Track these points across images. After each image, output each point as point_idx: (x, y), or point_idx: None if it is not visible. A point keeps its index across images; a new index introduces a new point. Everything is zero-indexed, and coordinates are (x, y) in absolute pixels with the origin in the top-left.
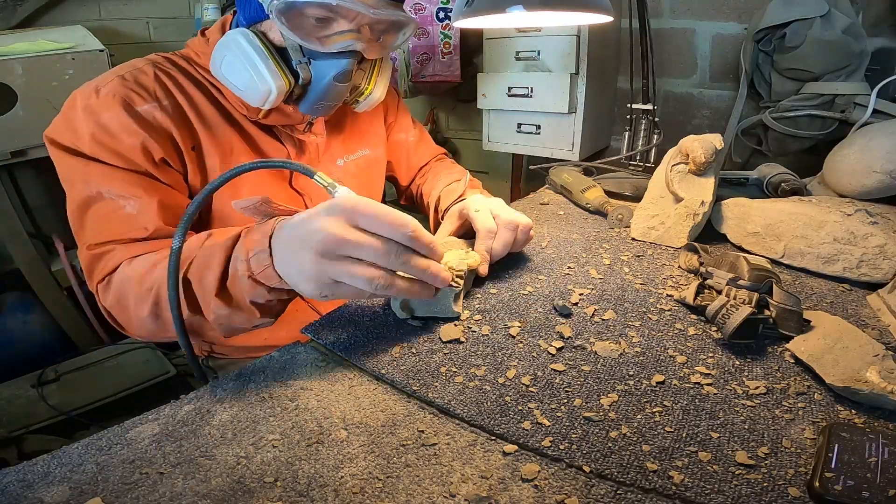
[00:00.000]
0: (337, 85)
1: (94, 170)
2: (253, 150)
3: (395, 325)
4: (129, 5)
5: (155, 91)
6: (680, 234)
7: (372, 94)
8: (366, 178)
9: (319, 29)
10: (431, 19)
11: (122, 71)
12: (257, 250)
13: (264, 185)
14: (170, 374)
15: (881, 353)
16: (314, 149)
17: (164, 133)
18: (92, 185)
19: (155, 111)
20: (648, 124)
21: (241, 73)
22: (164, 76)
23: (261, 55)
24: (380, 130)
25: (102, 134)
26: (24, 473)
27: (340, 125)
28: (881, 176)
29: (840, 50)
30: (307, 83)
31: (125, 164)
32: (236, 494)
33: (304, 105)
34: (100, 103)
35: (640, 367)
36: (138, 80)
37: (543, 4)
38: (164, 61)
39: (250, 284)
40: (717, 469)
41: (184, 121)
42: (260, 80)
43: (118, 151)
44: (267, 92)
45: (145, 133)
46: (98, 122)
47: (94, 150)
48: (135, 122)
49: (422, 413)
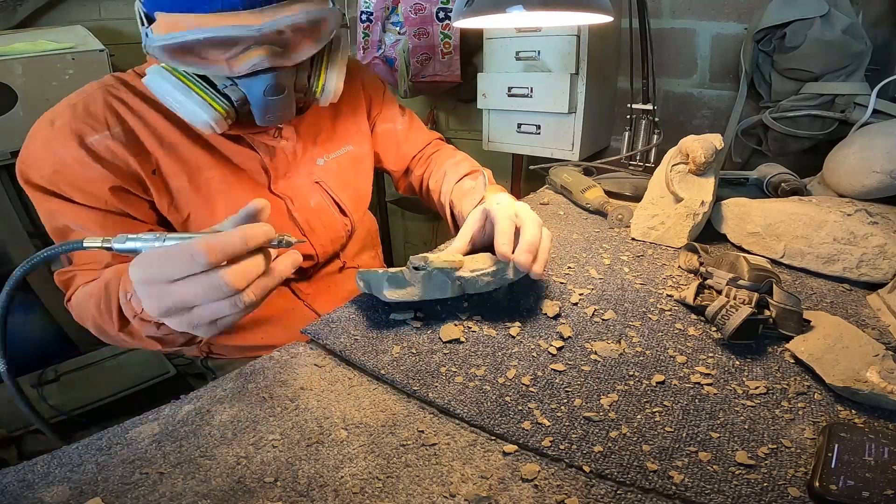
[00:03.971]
0: (272, 99)
1: (56, 206)
2: (221, 162)
3: (395, 325)
4: (129, 5)
5: (105, 119)
6: (680, 234)
7: (327, 87)
8: (349, 176)
9: (219, 52)
10: (431, 19)
11: (74, 99)
12: (131, 292)
13: (241, 197)
14: (170, 374)
15: (881, 353)
16: (289, 152)
17: (119, 161)
18: (58, 219)
19: (107, 140)
20: (648, 124)
21: (176, 106)
22: (114, 101)
23: (182, 90)
24: (362, 126)
25: (62, 168)
26: (24, 473)
27: (318, 125)
28: (881, 176)
29: (840, 50)
30: (245, 101)
31: (85, 200)
32: (236, 494)
33: (256, 119)
34: (55, 137)
35: (640, 367)
36: (88, 109)
37: (543, 4)
38: (116, 83)
39: (139, 322)
40: (717, 469)
41: (138, 146)
42: (192, 113)
43: (76, 184)
44: (205, 122)
45: (98, 165)
46: (55, 157)
47: (55, 185)
48: (87, 154)
49: (422, 413)
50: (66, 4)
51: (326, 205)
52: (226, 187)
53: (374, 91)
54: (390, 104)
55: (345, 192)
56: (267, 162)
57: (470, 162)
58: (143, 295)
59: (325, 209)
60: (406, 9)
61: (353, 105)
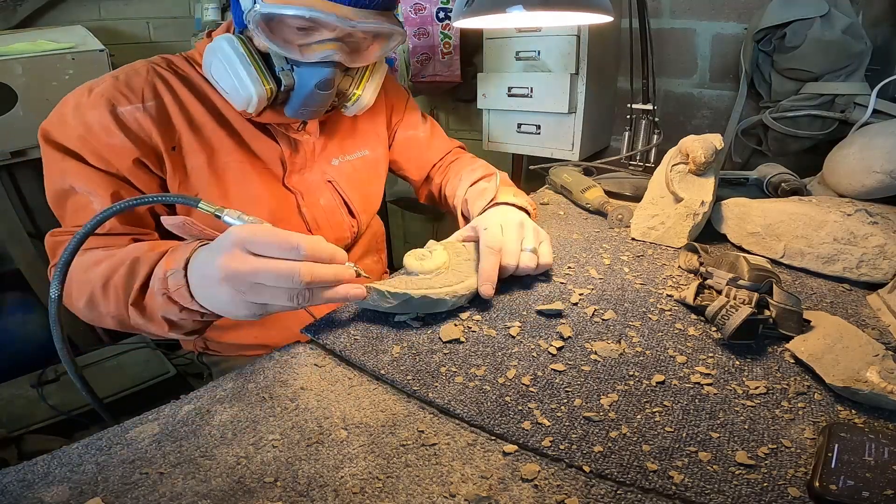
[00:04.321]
0: (319, 93)
1: (70, 166)
2: (242, 148)
3: (395, 325)
4: (129, 5)
5: (143, 92)
6: (680, 234)
7: (360, 99)
8: (362, 179)
9: (300, 37)
10: (431, 19)
11: (118, 72)
12: (174, 270)
13: (255, 185)
14: (170, 374)
15: (881, 353)
16: (309, 148)
17: (143, 133)
18: (67, 180)
19: (136, 112)
20: (648, 124)
21: (225, 77)
22: (156, 78)
23: (243, 61)
24: (381, 132)
25: (86, 132)
26: (24, 473)
27: (338, 125)
28: (881, 176)
29: (840, 50)
30: (290, 89)
31: (101, 164)
32: (236, 494)
33: (288, 109)
34: (89, 102)
35: (640, 367)
36: (129, 81)
37: (543, 4)
38: (162, 63)
39: (164, 300)
40: (717, 469)
41: (166, 120)
42: (241, 85)
43: (97, 150)
44: (248, 97)
45: (122, 134)
46: (83, 120)
47: (77, 147)
48: (114, 122)
49: (422, 413)
50: (66, 4)
51: (336, 204)
52: (241, 175)
53: (396, 99)
54: (412, 112)
55: (356, 193)
56: (287, 155)
57: (486, 167)
58: (219, 255)
59: (334, 209)
60: (406, 9)
61: (374, 110)
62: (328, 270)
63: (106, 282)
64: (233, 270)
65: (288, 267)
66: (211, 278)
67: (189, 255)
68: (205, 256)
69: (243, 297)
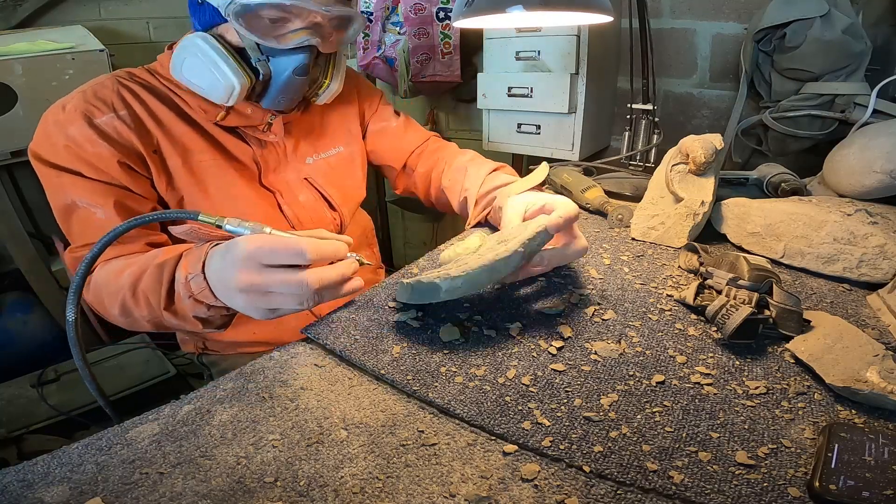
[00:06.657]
0: (296, 78)
1: (66, 181)
2: (215, 147)
3: (395, 325)
4: (129, 5)
5: (113, 103)
6: (680, 234)
7: (330, 86)
8: (339, 174)
9: (275, 28)
10: (431, 19)
11: (85, 87)
12: (194, 274)
13: (234, 185)
14: (170, 374)
15: (881, 353)
16: (280, 149)
17: (124, 140)
18: (67, 195)
19: (114, 121)
20: (648, 124)
21: (203, 73)
22: (122, 88)
23: (221, 55)
24: (353, 128)
25: (72, 145)
26: (24, 473)
27: (310, 124)
28: (881, 176)
29: (840, 50)
30: (267, 79)
31: (94, 174)
32: (236, 494)
33: (266, 100)
34: (66, 118)
35: (640, 367)
36: (97, 94)
37: (543, 4)
38: (125, 75)
39: (192, 303)
40: (717, 469)
41: (141, 128)
42: (223, 77)
43: (87, 160)
44: (230, 88)
45: (105, 142)
46: (66, 134)
47: (68, 161)
48: (95, 133)
49: (422, 413)
50: (66, 4)
51: (315, 200)
52: (218, 171)
53: (369, 98)
54: (385, 107)
55: (334, 188)
56: (257, 154)
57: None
58: (233, 269)
59: (314, 204)
60: (406, 9)
61: (346, 109)
62: (334, 273)
63: (134, 289)
64: (247, 283)
65: (297, 278)
66: (228, 288)
67: (204, 258)
68: (219, 262)
69: (257, 303)
